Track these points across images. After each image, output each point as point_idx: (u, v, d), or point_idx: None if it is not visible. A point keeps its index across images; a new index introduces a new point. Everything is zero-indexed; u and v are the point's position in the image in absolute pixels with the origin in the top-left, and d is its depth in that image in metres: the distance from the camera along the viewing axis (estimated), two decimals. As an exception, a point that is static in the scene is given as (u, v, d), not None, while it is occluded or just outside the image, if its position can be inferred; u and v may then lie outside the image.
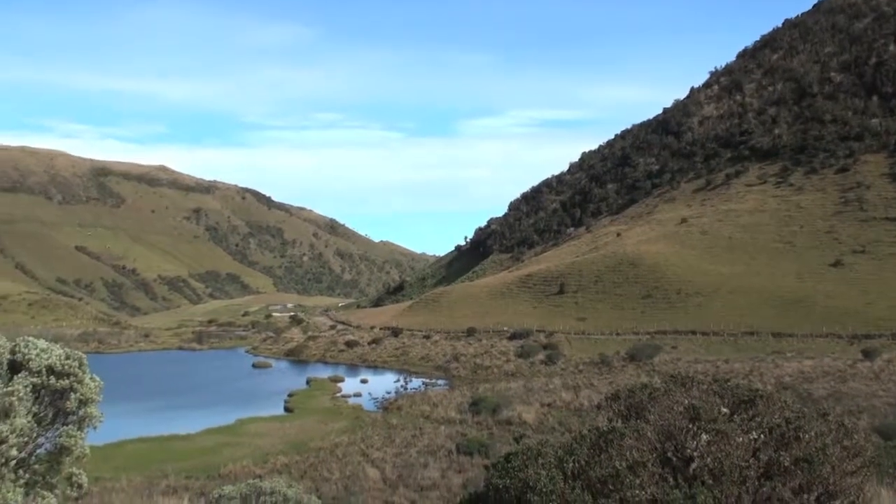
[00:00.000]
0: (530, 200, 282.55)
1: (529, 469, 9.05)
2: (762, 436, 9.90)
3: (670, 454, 9.79)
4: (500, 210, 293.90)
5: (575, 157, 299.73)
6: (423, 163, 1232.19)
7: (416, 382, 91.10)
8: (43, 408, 12.35)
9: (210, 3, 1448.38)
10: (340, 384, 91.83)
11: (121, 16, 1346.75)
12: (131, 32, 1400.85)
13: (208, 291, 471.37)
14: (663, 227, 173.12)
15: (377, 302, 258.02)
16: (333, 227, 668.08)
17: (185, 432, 58.75)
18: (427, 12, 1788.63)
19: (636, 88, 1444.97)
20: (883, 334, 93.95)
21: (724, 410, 10.45)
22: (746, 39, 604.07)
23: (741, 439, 9.70)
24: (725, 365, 79.97)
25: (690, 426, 9.82)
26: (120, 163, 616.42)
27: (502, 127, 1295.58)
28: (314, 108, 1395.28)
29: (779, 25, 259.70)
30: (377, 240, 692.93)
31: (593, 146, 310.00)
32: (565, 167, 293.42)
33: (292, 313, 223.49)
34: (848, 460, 9.63)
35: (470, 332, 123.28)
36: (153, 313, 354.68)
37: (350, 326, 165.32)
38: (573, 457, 9.31)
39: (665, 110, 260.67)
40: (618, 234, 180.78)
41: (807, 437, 9.69)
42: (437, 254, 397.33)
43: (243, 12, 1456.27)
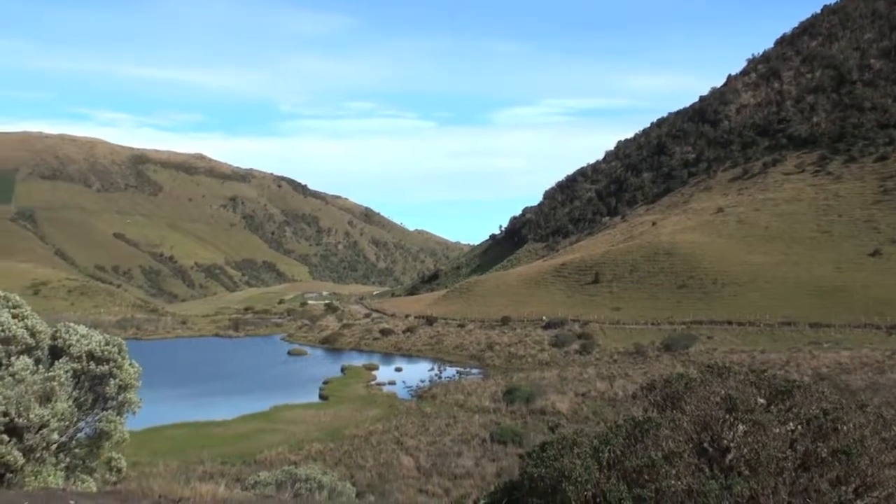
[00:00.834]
0: (565, 189, 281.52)
1: (565, 458, 9.05)
2: (799, 427, 9.84)
3: (706, 444, 9.75)
4: (535, 199, 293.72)
5: (610, 146, 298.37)
6: (458, 151, 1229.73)
7: (451, 371, 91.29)
8: (83, 393, 12.53)
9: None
10: (375, 372, 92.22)
11: (160, 5, 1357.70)
12: (170, 22, 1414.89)
13: (244, 279, 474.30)
14: (699, 217, 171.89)
15: (412, 290, 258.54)
16: (368, 216, 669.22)
17: (222, 418, 59.30)
18: (461, 1, 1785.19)
19: (672, 76, 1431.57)
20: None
21: (761, 401, 10.39)
22: (785, 26, 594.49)
23: (778, 430, 9.64)
24: (762, 355, 79.33)
25: (727, 416, 9.77)
26: (158, 151, 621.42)
27: (537, 116, 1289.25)
28: (349, 97, 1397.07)
29: (818, 12, 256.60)
30: (412, 228, 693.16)
31: (629, 135, 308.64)
32: (600, 156, 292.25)
33: (327, 301, 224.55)
34: (886, 452, 9.53)
35: (504, 321, 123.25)
36: (190, 300, 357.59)
37: (384, 315, 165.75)
38: (609, 446, 9.30)
39: (702, 98, 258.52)
40: (653, 223, 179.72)
41: (845, 429, 9.61)
42: (472, 242, 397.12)
43: (279, 2, 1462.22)
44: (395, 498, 35.94)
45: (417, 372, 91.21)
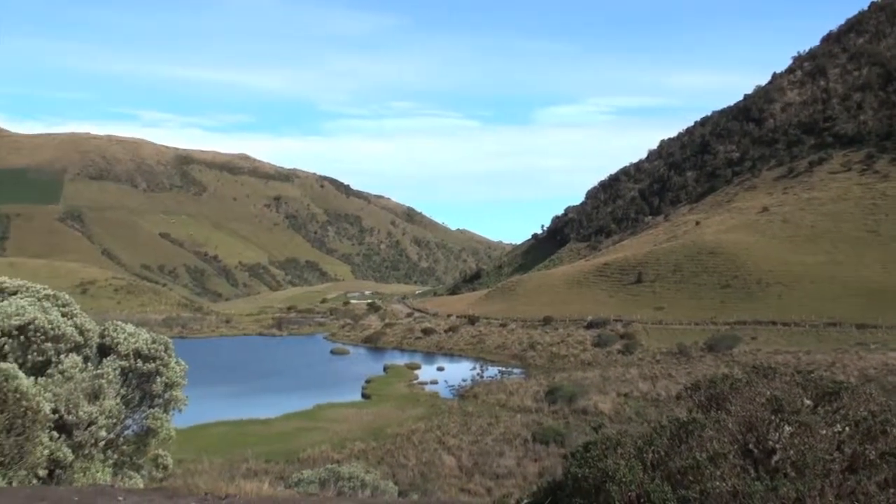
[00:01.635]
0: (608, 188, 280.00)
1: (608, 458, 9.02)
2: (847, 428, 9.73)
3: (752, 446, 9.67)
4: (577, 198, 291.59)
5: (653, 145, 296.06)
6: (501, 151, 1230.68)
7: (492, 371, 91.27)
8: (131, 390, 12.71)
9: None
10: (417, 371, 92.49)
11: (205, 6, 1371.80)
12: (214, 23, 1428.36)
13: (288, 278, 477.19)
14: (743, 216, 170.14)
15: (453, 290, 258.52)
16: (410, 215, 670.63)
17: (265, 417, 59.80)
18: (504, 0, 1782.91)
19: (716, 75, 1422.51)
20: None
21: (808, 402, 10.29)
22: (831, 23, 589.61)
23: (825, 432, 9.54)
24: (807, 356, 78.50)
25: (773, 418, 9.68)
26: (202, 151, 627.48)
27: (580, 115, 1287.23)
28: (391, 97, 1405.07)
29: (865, 8, 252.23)
30: (454, 228, 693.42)
31: (672, 133, 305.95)
32: (643, 155, 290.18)
33: (370, 300, 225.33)
34: (936, 455, 9.40)
35: (546, 321, 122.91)
36: (234, 299, 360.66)
37: (426, 314, 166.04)
38: (652, 447, 9.25)
39: (746, 97, 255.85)
40: (697, 223, 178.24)
41: (893, 431, 9.49)
42: (514, 242, 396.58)
43: (322, 2, 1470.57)
44: (437, 497, 36.01)
45: (459, 371, 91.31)
